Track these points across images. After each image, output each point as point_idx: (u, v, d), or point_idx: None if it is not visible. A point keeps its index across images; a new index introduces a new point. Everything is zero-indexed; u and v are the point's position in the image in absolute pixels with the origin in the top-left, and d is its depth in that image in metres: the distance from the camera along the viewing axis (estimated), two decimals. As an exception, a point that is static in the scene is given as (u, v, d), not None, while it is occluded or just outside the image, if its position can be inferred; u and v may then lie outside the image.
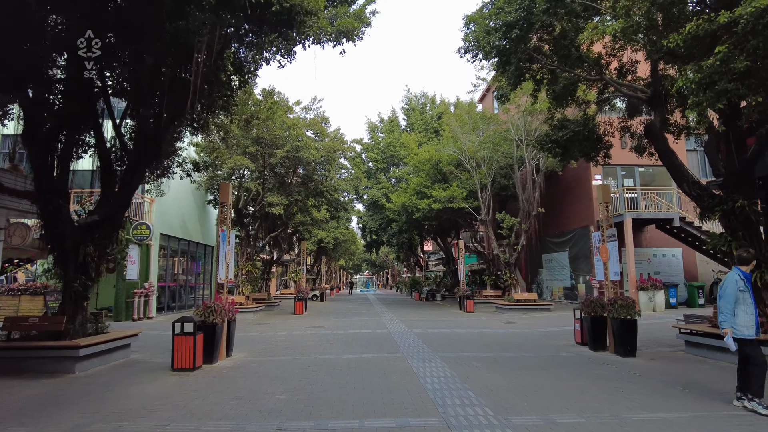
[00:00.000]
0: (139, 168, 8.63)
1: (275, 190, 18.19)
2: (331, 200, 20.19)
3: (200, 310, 8.28)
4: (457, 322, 15.40)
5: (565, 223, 21.78)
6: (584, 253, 20.23)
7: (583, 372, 7.23)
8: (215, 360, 8.24)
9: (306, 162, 16.87)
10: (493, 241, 20.52)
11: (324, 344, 10.50)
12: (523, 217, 19.50)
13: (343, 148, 18.17)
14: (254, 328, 14.15)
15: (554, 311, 18.84)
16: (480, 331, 12.92)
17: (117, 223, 8.54)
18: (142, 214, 18.05)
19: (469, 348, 9.70)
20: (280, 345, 10.48)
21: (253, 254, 19.44)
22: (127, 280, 16.50)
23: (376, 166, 31.08)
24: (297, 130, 16.28)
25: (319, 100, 19.74)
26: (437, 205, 21.56)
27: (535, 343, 10.39)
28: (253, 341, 11.21)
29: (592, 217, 19.52)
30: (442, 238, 32.31)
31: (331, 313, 20.25)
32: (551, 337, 11.51)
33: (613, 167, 20.19)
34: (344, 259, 65.07)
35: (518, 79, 11.01)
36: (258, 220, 19.87)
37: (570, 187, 21.44)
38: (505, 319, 16.40)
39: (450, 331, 12.91)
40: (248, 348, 10.10)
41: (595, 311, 9.41)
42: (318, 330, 13.44)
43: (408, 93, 32.00)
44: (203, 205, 23.84)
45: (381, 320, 16.47)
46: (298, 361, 8.29)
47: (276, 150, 16.43)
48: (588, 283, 19.80)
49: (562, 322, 15.00)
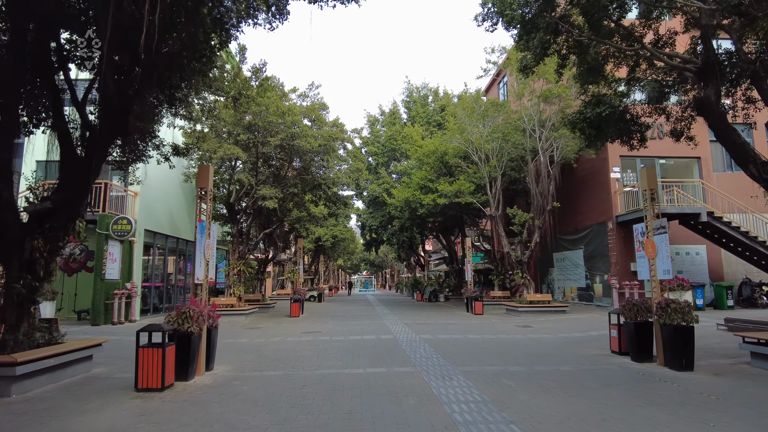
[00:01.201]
0: (102, 146, 7.22)
1: (269, 182, 16.79)
2: (330, 195, 18.78)
3: (172, 316, 6.88)
4: (468, 327, 14.03)
5: (580, 219, 20.43)
6: (601, 251, 18.89)
7: (642, 393, 5.86)
8: (191, 376, 6.85)
9: (302, 151, 15.47)
10: (503, 238, 19.15)
11: (322, 354, 9.10)
12: (536, 212, 18.14)
13: (342, 137, 16.79)
14: (245, 333, 12.75)
15: (570, 313, 17.49)
16: (497, 337, 11.54)
17: (75, 211, 7.12)
18: (124, 209, 16.63)
19: (492, 359, 8.32)
20: (271, 355, 9.08)
21: (245, 252, 18.03)
22: (106, 280, 15.07)
23: (376, 161, 29.70)
24: (292, 116, 14.88)
25: (317, 87, 18.34)
26: (443, 200, 20.20)
27: (565, 353, 9.02)
28: (242, 350, 9.81)
29: (611, 212, 18.20)
30: (445, 237, 30.97)
31: (330, 316, 18.85)
32: (580, 344, 10.14)
33: (632, 159, 18.85)
34: (343, 259, 63.67)
35: (543, 52, 9.65)
36: (251, 216, 18.44)
37: (585, 180, 20.09)
38: (519, 323, 15.04)
39: (463, 337, 11.53)
40: (234, 359, 8.70)
41: (639, 316, 8.05)
42: (315, 336, 12.04)
43: (409, 85, 30.73)
44: (194, 200, 22.39)
45: (384, 324, 15.09)
46: (290, 378, 6.90)
47: (269, 138, 15.02)
48: (606, 283, 18.46)
49: (583, 325, 13.64)
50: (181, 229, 20.93)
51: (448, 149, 21.02)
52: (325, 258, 45.84)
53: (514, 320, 16.04)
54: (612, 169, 18.40)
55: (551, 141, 17.68)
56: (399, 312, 20.54)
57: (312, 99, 17.39)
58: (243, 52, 10.44)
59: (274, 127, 15.31)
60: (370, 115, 31.69)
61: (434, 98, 31.22)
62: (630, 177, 18.76)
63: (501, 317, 17.25)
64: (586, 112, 8.95)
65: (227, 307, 17.28)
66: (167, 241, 19.79)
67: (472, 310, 19.08)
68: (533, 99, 17.36)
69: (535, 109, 18.09)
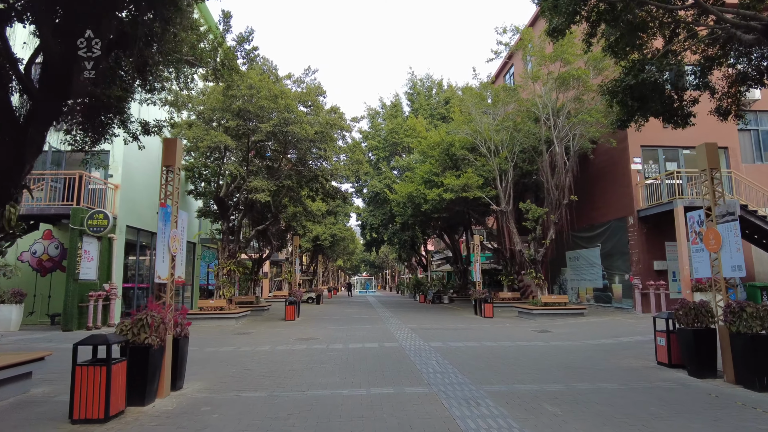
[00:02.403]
0: (43, 110, 5.82)
1: (261, 174, 15.39)
2: (328, 188, 17.36)
3: (126, 324, 5.48)
4: (481, 332, 12.63)
5: (596, 214, 19.03)
6: (620, 248, 17.48)
7: (731, 427, 4.46)
8: (149, 399, 5.45)
9: (297, 139, 14.07)
10: (514, 236, 17.75)
11: (316, 367, 7.70)
12: (551, 206, 16.73)
13: (341, 125, 15.39)
14: (231, 340, 11.34)
15: (588, 316, 16.09)
16: (516, 344, 10.13)
17: (5, 192, 5.72)
18: (103, 203, 15.22)
19: (520, 374, 6.91)
20: (256, 368, 7.68)
21: (236, 251, 16.62)
22: (80, 281, 13.65)
23: (377, 156, 28.30)
24: (286, 100, 13.48)
25: (314, 71, 16.95)
26: (449, 195, 18.80)
27: (603, 365, 7.61)
28: (224, 361, 8.41)
29: (632, 206, 16.80)
30: (449, 236, 29.54)
31: (328, 319, 17.44)
32: (615, 353, 8.74)
33: (653, 149, 17.47)
34: (342, 259, 62.25)
35: (571, 18, 8.26)
36: (242, 211, 17.02)
37: (603, 173, 18.70)
38: (534, 327, 13.65)
39: (478, 344, 10.12)
40: (211, 373, 7.30)
41: (699, 321, 6.65)
42: (310, 343, 10.63)
43: (412, 76, 29.34)
44: (182, 195, 21.02)
45: (387, 329, 13.68)
46: (274, 402, 5.50)
47: (260, 124, 13.62)
48: (626, 283, 17.05)
49: (608, 330, 12.24)
50: (169, 227, 19.52)
51: (455, 140, 19.64)
52: (324, 258, 44.42)
53: (529, 324, 14.65)
54: (633, 160, 17.00)
55: (567, 129, 16.29)
56: (402, 315, 19.13)
57: (309, 84, 16.01)
58: (227, 19, 9.03)
59: (266, 113, 13.92)
60: (370, 108, 30.31)
61: (438, 91, 29.86)
62: (652, 168, 17.37)
63: (513, 321, 15.85)
64: (627, 80, 7.55)
65: (216, 310, 15.88)
66: (153, 239, 18.38)
67: (481, 312, 17.70)
68: (549, 82, 15.95)
69: (549, 96, 16.70)
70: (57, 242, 15.47)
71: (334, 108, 15.57)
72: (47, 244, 15.44)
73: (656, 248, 16.52)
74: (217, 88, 15.31)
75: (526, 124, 17.35)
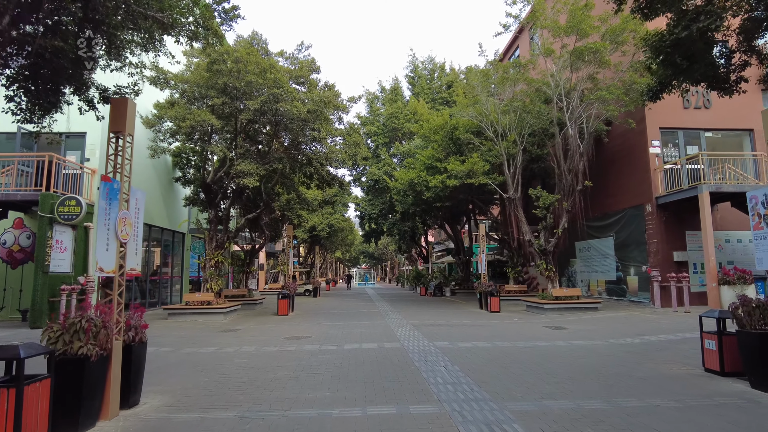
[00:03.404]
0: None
1: (250, 156, 14.16)
2: (323, 174, 16.12)
3: (55, 330, 4.32)
4: (490, 329, 11.50)
5: (610, 202, 17.83)
6: (636, 238, 16.32)
7: None
8: (87, 424, 4.31)
9: (288, 118, 12.81)
10: (523, 225, 16.57)
11: (304, 375, 6.55)
12: (563, 192, 15.53)
13: (337, 104, 14.13)
14: (215, 339, 10.20)
15: (603, 311, 14.99)
16: (533, 345, 9.00)
17: None
18: (78, 189, 14.00)
19: (548, 385, 5.77)
20: (233, 377, 6.53)
21: (224, 241, 15.43)
22: (51, 273, 12.47)
23: (376, 142, 27.02)
24: (275, 74, 12.21)
25: (307, 47, 15.61)
26: (453, 182, 17.58)
27: (642, 372, 6.47)
28: (198, 365, 7.27)
29: (650, 192, 15.61)
30: (451, 226, 28.40)
31: (324, 314, 16.33)
32: (649, 356, 7.60)
33: (673, 132, 16.24)
34: (341, 251, 61.16)
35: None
36: (230, 198, 15.80)
37: (617, 157, 17.47)
38: (547, 323, 12.54)
39: (490, 345, 8.99)
40: (179, 383, 6.16)
41: (764, 322, 5.49)
42: (301, 343, 9.49)
43: (413, 58, 27.93)
44: (169, 183, 19.79)
45: (387, 325, 12.55)
46: (245, 428, 4.34)
47: (247, 101, 12.36)
48: (643, 275, 15.92)
49: (629, 327, 11.11)
50: (155, 216, 18.32)
51: (459, 123, 18.38)
52: (322, 250, 43.30)
53: (540, 319, 13.54)
54: (651, 143, 15.78)
55: (581, 109, 15.03)
56: (403, 309, 18.02)
57: (302, 61, 14.70)
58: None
59: (255, 89, 12.66)
60: (368, 92, 28.94)
61: (440, 74, 28.50)
62: (672, 152, 16.16)
63: (523, 316, 14.74)
64: (677, 32, 6.30)
65: (202, 304, 14.75)
66: (136, 229, 17.20)
67: (487, 306, 16.60)
68: (563, 56, 14.66)
69: (561, 74, 15.41)
70: (29, 232, 14.28)
71: (328, 85, 14.27)
72: (18, 234, 14.25)
73: (676, 238, 15.37)
74: (201, 64, 14.04)
75: (536, 105, 16.09)
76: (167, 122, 14.63)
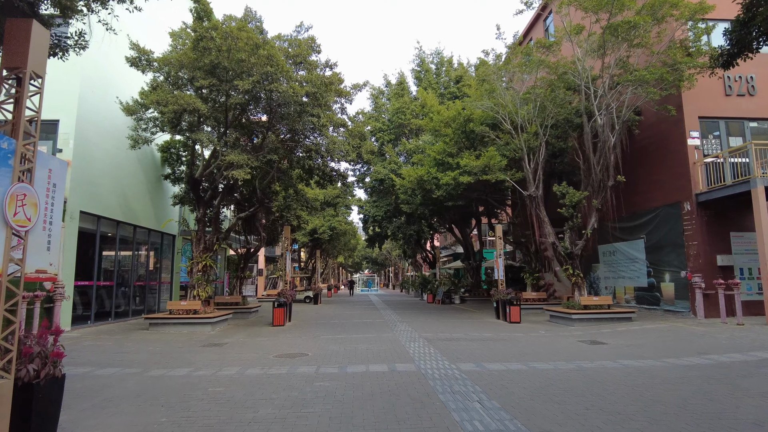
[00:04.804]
0: None
1: (242, 146, 12.58)
2: (323, 167, 14.51)
3: None
4: (517, 344, 9.84)
5: (639, 200, 16.16)
6: (672, 240, 14.64)
7: None
8: None
9: (283, 101, 11.24)
10: (546, 225, 14.91)
11: (293, 417, 4.92)
12: (593, 189, 13.89)
13: (339, 90, 12.56)
14: (193, 357, 8.57)
15: (638, 321, 13.30)
16: (577, 366, 7.33)
17: None
18: (48, 183, 12.44)
19: (632, 436, 4.11)
20: (198, 416, 4.90)
21: (213, 242, 13.83)
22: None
23: (381, 139, 25.44)
24: (269, 49, 10.66)
25: (307, 29, 14.05)
26: (466, 178, 15.96)
27: (745, 412, 4.81)
28: (159, 398, 5.64)
29: (688, 189, 13.96)
30: (460, 229, 26.74)
31: (324, 324, 14.68)
32: (736, 385, 5.94)
33: (713, 121, 14.61)
34: (343, 256, 59.52)
35: None
36: (220, 194, 14.19)
37: (648, 151, 15.83)
38: (580, 336, 10.88)
39: (526, 367, 7.33)
40: (125, 426, 4.52)
41: None
42: (294, 364, 7.85)
43: (420, 51, 26.43)
44: (157, 181, 18.26)
45: (396, 339, 10.90)
46: None
47: (237, 81, 10.80)
48: (681, 281, 14.22)
49: (683, 343, 9.41)
50: (140, 216, 16.78)
51: (474, 114, 16.79)
52: (323, 254, 41.67)
53: (570, 332, 11.87)
54: (689, 134, 14.14)
55: (611, 97, 13.41)
56: (411, 318, 16.35)
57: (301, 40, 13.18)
58: None
59: (246, 69, 11.11)
60: (373, 88, 27.41)
61: (448, 69, 26.96)
62: (712, 145, 14.51)
63: (548, 327, 13.08)
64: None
65: (188, 313, 13.13)
66: (119, 229, 15.64)
67: (505, 316, 14.92)
68: (594, 34, 13.06)
69: (591, 56, 13.81)
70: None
71: (330, 64, 12.67)
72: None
73: (719, 240, 13.69)
74: (188, 38, 12.50)
75: (561, 91, 14.48)
76: (151, 110, 13.12)
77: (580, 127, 15.21)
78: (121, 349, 9.70)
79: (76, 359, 8.34)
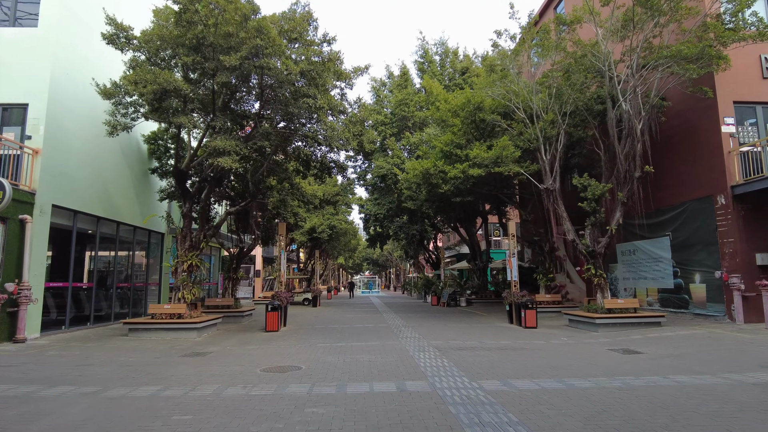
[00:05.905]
0: None
1: (229, 131, 11.33)
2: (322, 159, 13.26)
3: None
4: (543, 355, 8.56)
5: (665, 196, 14.87)
6: (703, 237, 13.37)
7: None
8: None
9: (276, 80, 9.98)
10: (566, 221, 13.64)
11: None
12: (617, 181, 12.63)
13: (338, 69, 11.31)
14: (166, 371, 7.30)
15: (670, 326, 12.04)
16: (625, 385, 6.05)
17: None
18: (14, 173, 11.19)
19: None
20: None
21: (200, 240, 12.58)
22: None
23: (383, 133, 24.17)
24: (260, 20, 9.43)
25: (305, 5, 12.87)
26: (476, 171, 14.70)
27: None
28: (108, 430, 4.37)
29: (722, 181, 12.70)
30: (466, 228, 25.47)
31: (322, 330, 13.42)
32: None
33: (750, 107, 13.35)
34: (343, 257, 58.24)
35: None
36: (206, 186, 12.92)
37: (675, 141, 14.56)
38: (609, 344, 9.64)
39: (563, 385, 6.05)
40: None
41: None
42: (284, 381, 6.57)
43: (423, 42, 25.14)
44: (144, 175, 17.00)
45: (403, 347, 9.63)
46: None
47: (223, 56, 9.54)
48: (714, 283, 12.93)
49: (732, 352, 8.14)
50: (124, 212, 15.52)
51: (484, 103, 15.53)
52: (323, 255, 40.40)
53: (595, 339, 10.61)
54: (723, 121, 12.88)
55: (636, 81, 12.15)
56: (417, 323, 15.07)
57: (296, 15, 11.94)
58: None
59: (235, 44, 9.87)
60: (374, 80, 26.14)
61: (453, 60, 25.73)
62: (748, 132, 13.24)
63: (569, 333, 11.82)
64: None
65: (172, 317, 11.88)
66: (99, 226, 14.38)
67: (519, 321, 13.65)
68: (622, 8, 11.80)
69: (614, 37, 12.57)
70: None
71: (328, 38, 11.41)
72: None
73: (758, 236, 12.41)
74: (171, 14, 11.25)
75: (580, 74, 13.22)
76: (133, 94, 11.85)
77: (601, 114, 13.97)
78: (87, 360, 8.43)
79: (28, 375, 7.08)
